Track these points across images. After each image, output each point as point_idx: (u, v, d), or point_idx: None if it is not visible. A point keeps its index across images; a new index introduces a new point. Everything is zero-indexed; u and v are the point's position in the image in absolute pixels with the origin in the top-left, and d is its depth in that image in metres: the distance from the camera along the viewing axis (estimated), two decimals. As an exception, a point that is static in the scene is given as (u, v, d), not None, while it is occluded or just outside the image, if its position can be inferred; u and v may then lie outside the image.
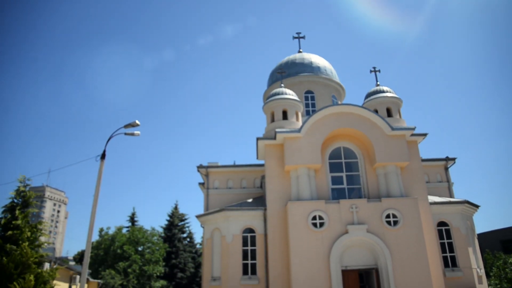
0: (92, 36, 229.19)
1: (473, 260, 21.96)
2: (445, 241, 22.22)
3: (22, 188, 13.86)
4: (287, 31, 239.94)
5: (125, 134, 18.59)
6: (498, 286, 29.55)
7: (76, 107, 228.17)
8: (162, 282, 37.02)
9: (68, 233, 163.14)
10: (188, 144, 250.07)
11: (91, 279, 30.35)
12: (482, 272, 23.02)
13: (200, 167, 27.44)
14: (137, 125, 17.79)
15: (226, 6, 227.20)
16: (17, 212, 12.77)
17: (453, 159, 27.31)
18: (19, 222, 12.34)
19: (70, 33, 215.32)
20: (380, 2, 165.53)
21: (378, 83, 26.54)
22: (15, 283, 10.62)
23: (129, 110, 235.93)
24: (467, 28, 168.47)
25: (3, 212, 13.46)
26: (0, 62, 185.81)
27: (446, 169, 27.37)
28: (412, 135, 23.09)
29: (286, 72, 29.72)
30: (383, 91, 25.55)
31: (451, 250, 22.06)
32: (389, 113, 24.72)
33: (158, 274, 35.59)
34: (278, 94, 25.34)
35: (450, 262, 21.81)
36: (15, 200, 13.79)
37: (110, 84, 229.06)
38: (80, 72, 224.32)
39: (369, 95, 26.01)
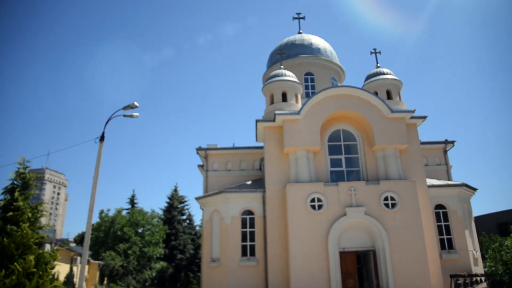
0: (91, 33, 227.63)
1: (469, 242, 22.19)
2: (442, 223, 22.41)
3: (21, 170, 13.83)
4: (287, 12, 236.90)
5: (124, 116, 18.52)
6: (493, 268, 29.96)
7: (75, 104, 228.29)
8: (162, 263, 37.46)
9: (69, 215, 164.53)
10: (187, 126, 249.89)
11: (92, 260, 30.70)
12: (478, 254, 23.28)
13: (199, 149, 27.45)
14: (136, 106, 17.71)
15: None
16: (17, 193, 12.75)
17: (452, 142, 27.36)
18: (19, 203, 12.34)
19: (70, 30, 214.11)
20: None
21: (378, 65, 26.35)
22: (15, 263, 10.67)
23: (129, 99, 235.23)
24: (467, 12, 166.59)
25: (3, 193, 13.48)
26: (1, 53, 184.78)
27: (445, 152, 27.45)
28: (412, 117, 23.05)
29: (285, 53, 29.48)
30: (383, 73, 25.38)
31: (448, 232, 22.26)
32: (389, 96, 24.62)
33: (158, 255, 35.98)
34: (277, 75, 25.16)
35: (446, 244, 22.03)
36: (15, 182, 13.78)
37: (109, 81, 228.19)
38: (79, 69, 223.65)
39: (369, 77, 25.86)
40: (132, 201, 43.77)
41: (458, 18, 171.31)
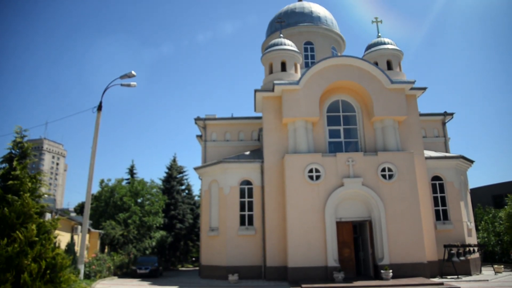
0: (91, 28, 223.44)
1: (464, 214, 22.45)
2: (438, 195, 22.56)
3: (19, 139, 13.75)
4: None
5: (121, 85, 18.37)
6: (486, 239, 30.65)
7: (73, 96, 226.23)
8: (162, 233, 37.95)
9: (68, 186, 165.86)
10: (186, 96, 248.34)
11: (92, 229, 31.09)
12: (472, 225, 23.60)
13: (197, 119, 27.31)
14: (133, 75, 17.53)
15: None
16: (15, 163, 12.72)
17: (451, 114, 27.23)
18: (18, 172, 12.33)
19: (70, 24, 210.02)
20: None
21: (379, 34, 25.86)
22: (17, 232, 10.78)
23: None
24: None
25: (1, 163, 13.44)
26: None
27: (444, 124, 27.38)
28: (411, 89, 22.84)
29: (285, 21, 28.90)
30: (384, 43, 24.94)
31: (444, 204, 22.44)
32: (389, 66, 24.29)
33: (157, 225, 36.40)
34: (276, 44, 24.74)
35: (442, 215, 22.26)
36: (13, 151, 13.74)
37: (107, 73, 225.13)
38: (78, 63, 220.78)
39: (369, 47, 25.42)
40: (131, 172, 43.87)
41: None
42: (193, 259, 47.24)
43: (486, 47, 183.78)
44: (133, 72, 17.56)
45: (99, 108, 18.45)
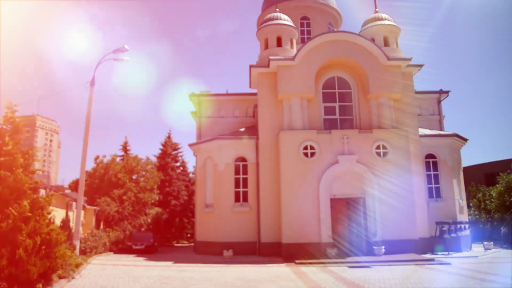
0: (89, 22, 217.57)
1: (456, 191, 22.69)
2: (432, 172, 22.74)
3: (10, 114, 13.50)
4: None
5: (114, 59, 18.03)
6: (477, 216, 31.20)
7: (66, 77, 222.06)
8: (157, 209, 38.12)
9: (62, 162, 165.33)
10: (181, 72, 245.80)
11: (87, 206, 31.09)
12: (464, 203, 23.91)
13: (192, 95, 27.01)
14: (126, 50, 17.19)
15: None
16: (7, 138, 12.52)
17: (447, 92, 27.13)
18: (10, 148, 12.14)
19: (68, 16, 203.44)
20: None
21: (376, 9, 25.38)
22: (11, 208, 10.70)
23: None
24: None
25: (-7, 139, 13.23)
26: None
27: (439, 102, 27.30)
28: (408, 66, 22.64)
29: (281, -5, 28.33)
30: (381, 19, 24.51)
31: (437, 181, 22.64)
32: (386, 43, 23.95)
33: (152, 201, 36.53)
34: (272, 19, 24.30)
35: (434, 193, 22.49)
36: (4, 127, 13.51)
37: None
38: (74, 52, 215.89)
39: (366, 22, 24.93)
40: (125, 148, 43.69)
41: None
42: (188, 235, 47.66)
43: (483, 29, 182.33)
44: (126, 47, 17.22)
45: (92, 83, 18.16)
